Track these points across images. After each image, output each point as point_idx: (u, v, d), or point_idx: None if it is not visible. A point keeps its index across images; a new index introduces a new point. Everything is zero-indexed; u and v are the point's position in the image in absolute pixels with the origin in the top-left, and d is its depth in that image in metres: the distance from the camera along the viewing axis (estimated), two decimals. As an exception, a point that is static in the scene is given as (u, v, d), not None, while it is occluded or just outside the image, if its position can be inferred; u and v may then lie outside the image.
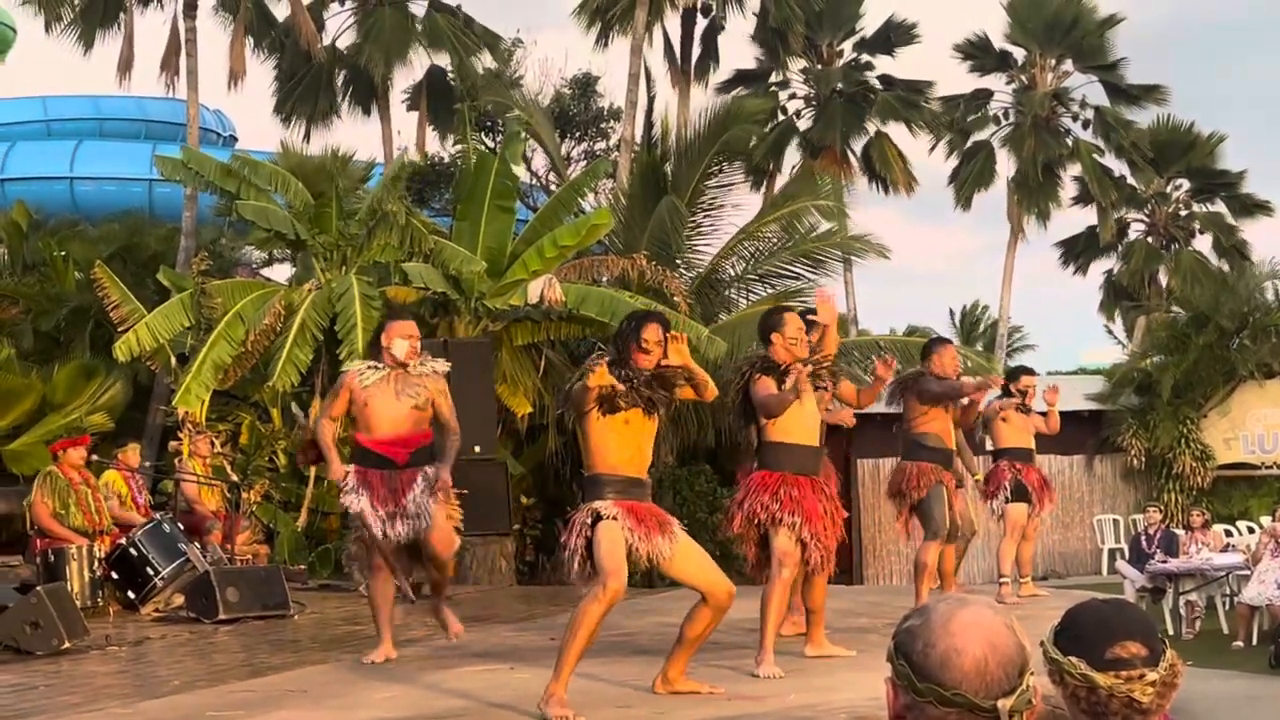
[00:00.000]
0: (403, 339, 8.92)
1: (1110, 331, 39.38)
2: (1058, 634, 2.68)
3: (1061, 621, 2.70)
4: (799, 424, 8.30)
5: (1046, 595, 12.46)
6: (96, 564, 12.10)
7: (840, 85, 32.43)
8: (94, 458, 13.37)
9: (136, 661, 9.71)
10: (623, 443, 7.01)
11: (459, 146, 22.48)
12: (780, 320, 8.43)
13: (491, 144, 26.47)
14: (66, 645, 9.95)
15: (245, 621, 11.63)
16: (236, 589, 11.87)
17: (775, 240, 22.31)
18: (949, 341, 11.68)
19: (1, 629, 10.02)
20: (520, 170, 26.59)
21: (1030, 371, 13.09)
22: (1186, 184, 34.80)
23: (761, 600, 8.20)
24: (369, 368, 9.00)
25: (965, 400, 11.08)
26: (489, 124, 27.51)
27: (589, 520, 6.93)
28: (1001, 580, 12.11)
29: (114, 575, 12.16)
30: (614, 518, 6.89)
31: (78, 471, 12.75)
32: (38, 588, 10.43)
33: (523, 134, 22.18)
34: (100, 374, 20.02)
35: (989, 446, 13.19)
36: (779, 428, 8.28)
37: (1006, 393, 12.44)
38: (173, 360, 18.60)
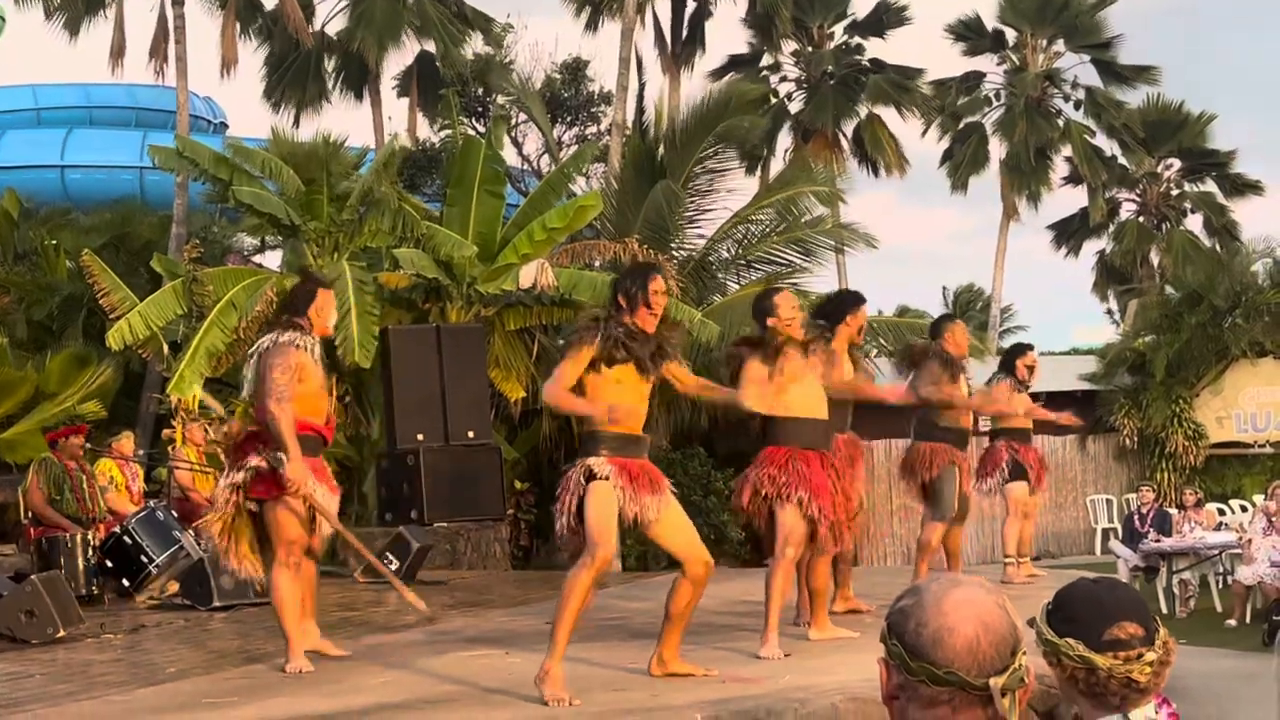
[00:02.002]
0: (333, 309, 8.33)
1: (1110, 312, 39.51)
2: (1050, 615, 2.69)
3: (1053, 602, 2.70)
4: (803, 398, 8.29)
5: (1044, 576, 12.39)
6: (91, 552, 12.10)
7: (831, 68, 32.41)
8: (88, 445, 13.36)
9: (132, 649, 9.71)
10: (618, 401, 7.02)
11: (446, 132, 22.47)
12: (773, 304, 8.43)
13: (481, 129, 26.45)
14: (62, 634, 9.95)
15: (240, 608, 11.62)
16: (231, 576, 11.85)
17: (768, 224, 22.30)
18: (957, 319, 11.55)
19: (-3, 618, 10.03)
20: (511, 155, 26.58)
21: (1030, 348, 12.71)
22: (1177, 164, 34.85)
23: (766, 581, 8.21)
24: (303, 335, 8.15)
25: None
26: (478, 109, 27.48)
27: (582, 479, 6.95)
28: (1007, 560, 11.98)
29: (109, 563, 12.16)
30: (606, 477, 6.91)
31: (74, 459, 12.76)
32: (33, 576, 10.43)
33: (511, 117, 22.13)
34: (93, 362, 20.00)
35: (983, 426, 13.11)
36: (784, 403, 8.27)
37: (1009, 370, 12.13)
38: (165, 348, 18.59)
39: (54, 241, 22.92)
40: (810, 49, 32.88)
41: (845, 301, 9.77)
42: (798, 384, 8.25)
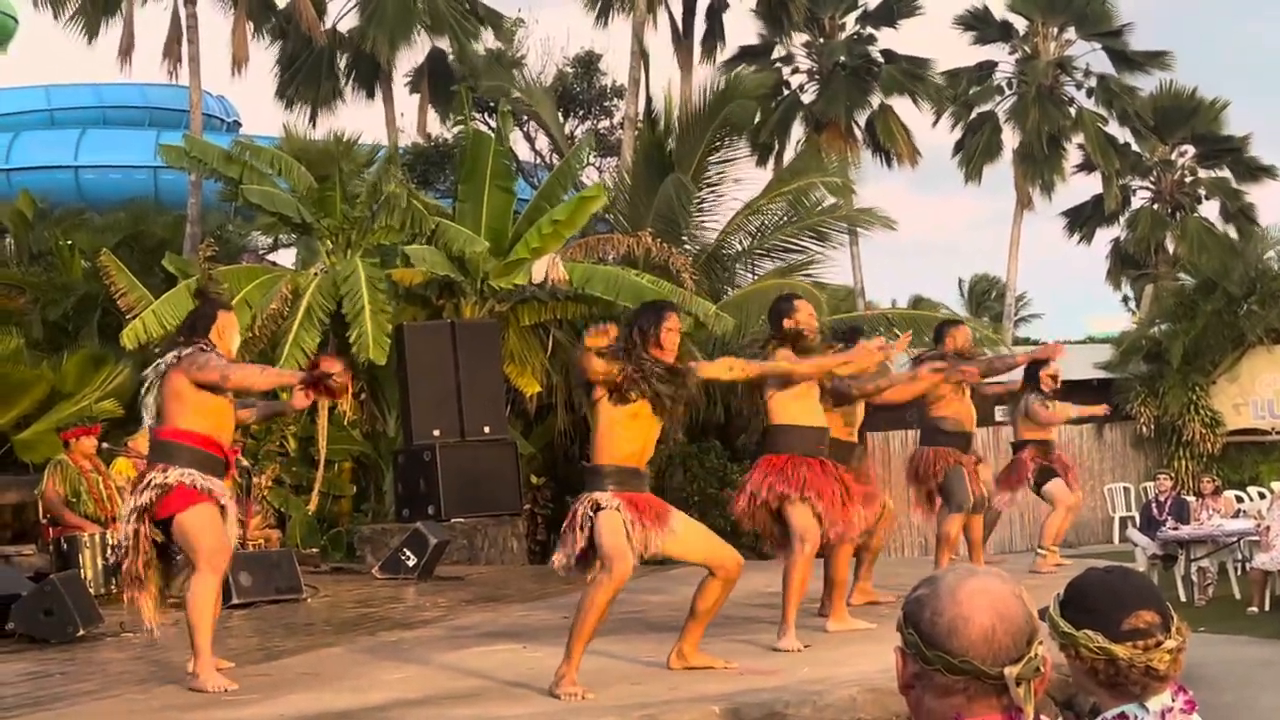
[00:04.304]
0: (235, 331, 7.97)
1: (1125, 300, 39.45)
2: (1064, 606, 2.68)
3: (1066, 594, 2.69)
4: (804, 407, 8.37)
5: (1069, 565, 12.37)
6: (110, 551, 12.11)
7: (843, 58, 32.36)
8: (104, 445, 13.38)
9: (151, 647, 9.73)
10: (630, 436, 7.09)
11: (459, 128, 22.52)
12: (792, 307, 8.48)
13: (494, 124, 26.47)
14: (81, 633, 9.98)
15: (258, 606, 11.66)
16: (249, 574, 11.90)
17: (781, 215, 22.27)
18: (960, 322, 11.69)
19: (16, 618, 10.06)
20: (525, 150, 26.52)
21: (1048, 361, 12.49)
22: (1191, 150, 34.73)
23: (783, 575, 8.23)
24: (211, 349, 7.66)
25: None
26: (491, 105, 27.49)
27: (590, 511, 6.99)
28: (1040, 551, 12.02)
29: (127, 562, 12.16)
30: (616, 508, 6.98)
31: (88, 459, 12.78)
32: (52, 576, 10.47)
33: (519, 113, 22.08)
34: (109, 362, 20.01)
35: (999, 417, 13.09)
36: (784, 411, 8.34)
37: (1033, 380, 12.02)
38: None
39: (69, 242, 22.94)
40: (822, 40, 32.82)
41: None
42: (803, 391, 8.32)
